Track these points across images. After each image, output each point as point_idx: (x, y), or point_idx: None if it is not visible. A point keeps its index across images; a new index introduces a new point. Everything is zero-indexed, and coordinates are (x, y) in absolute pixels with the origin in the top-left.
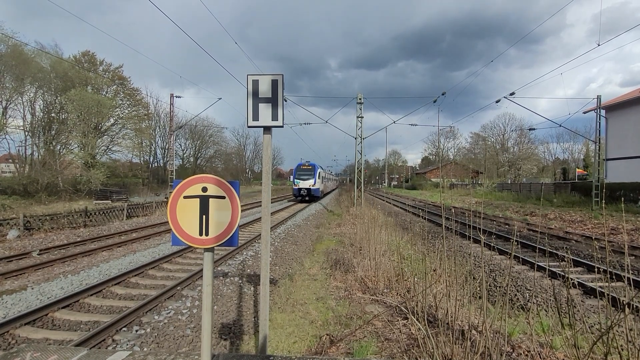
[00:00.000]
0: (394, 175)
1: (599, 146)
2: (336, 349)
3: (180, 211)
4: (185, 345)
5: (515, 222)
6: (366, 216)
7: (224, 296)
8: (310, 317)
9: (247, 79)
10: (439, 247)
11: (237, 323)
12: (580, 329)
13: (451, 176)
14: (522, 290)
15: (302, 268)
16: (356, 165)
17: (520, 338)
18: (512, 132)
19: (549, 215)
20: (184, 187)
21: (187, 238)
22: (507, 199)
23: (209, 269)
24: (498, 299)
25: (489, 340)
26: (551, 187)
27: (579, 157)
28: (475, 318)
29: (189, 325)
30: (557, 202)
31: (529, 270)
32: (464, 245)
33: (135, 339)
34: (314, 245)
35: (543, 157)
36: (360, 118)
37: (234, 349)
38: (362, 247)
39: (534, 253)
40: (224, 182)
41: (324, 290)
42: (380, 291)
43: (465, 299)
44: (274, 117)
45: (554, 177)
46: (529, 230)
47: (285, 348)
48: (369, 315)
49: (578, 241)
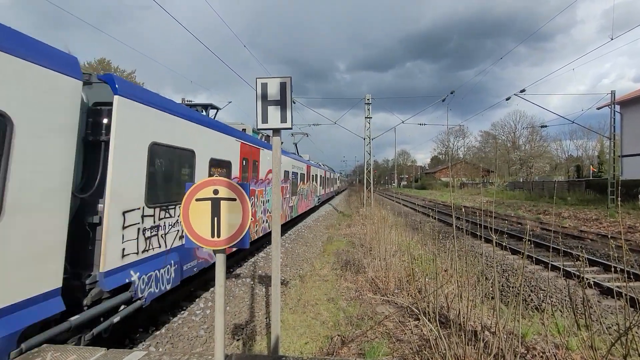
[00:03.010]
0: (403, 175)
1: (614, 142)
2: (348, 350)
3: (192, 213)
4: (199, 345)
5: (527, 221)
6: (376, 217)
7: (236, 297)
8: (321, 317)
9: (256, 82)
10: (450, 247)
11: (249, 324)
12: (597, 330)
13: (461, 175)
14: (535, 290)
15: (313, 269)
16: (365, 166)
17: (535, 339)
18: (524, 130)
19: (563, 214)
20: (196, 189)
21: (199, 240)
22: (519, 197)
23: (221, 270)
24: (511, 300)
25: (502, 342)
26: (565, 185)
27: (593, 154)
28: (488, 319)
29: (203, 326)
30: (571, 200)
31: (542, 270)
32: (476, 245)
33: (151, 339)
34: (324, 246)
35: (556, 155)
36: (369, 119)
37: (247, 349)
38: (372, 248)
39: (548, 253)
40: (234, 185)
41: (335, 291)
42: (391, 292)
43: (478, 299)
44: (282, 119)
45: (568, 175)
46: (542, 229)
47: (297, 349)
48: (380, 316)
49: (593, 240)
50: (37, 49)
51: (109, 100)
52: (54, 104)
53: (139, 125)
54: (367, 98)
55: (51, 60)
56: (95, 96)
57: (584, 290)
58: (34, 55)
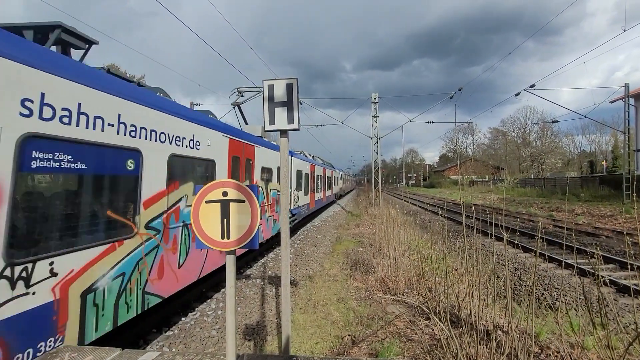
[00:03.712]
0: (411, 174)
1: (629, 136)
2: (358, 350)
3: (202, 215)
4: (211, 346)
5: (539, 218)
6: (385, 216)
7: (247, 298)
8: (331, 317)
9: (262, 84)
10: (460, 245)
11: (260, 324)
12: (614, 329)
13: (471, 173)
14: (549, 289)
15: (322, 269)
16: (373, 165)
17: (549, 338)
18: (534, 126)
19: (576, 211)
20: (206, 192)
21: (209, 241)
22: (531, 194)
23: (232, 271)
24: (524, 298)
25: (515, 341)
26: (578, 181)
27: (606, 149)
28: (500, 318)
29: (214, 326)
30: (585, 196)
31: (556, 268)
32: (486, 243)
33: (164, 340)
34: (333, 246)
35: (568, 150)
36: (376, 118)
37: (258, 349)
38: (382, 247)
39: (561, 250)
40: (243, 187)
41: (345, 291)
42: (401, 291)
43: (489, 298)
44: (289, 120)
45: (581, 171)
46: (555, 226)
47: (307, 349)
48: (391, 315)
49: (609, 237)
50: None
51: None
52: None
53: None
54: (374, 97)
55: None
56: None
57: (599, 288)
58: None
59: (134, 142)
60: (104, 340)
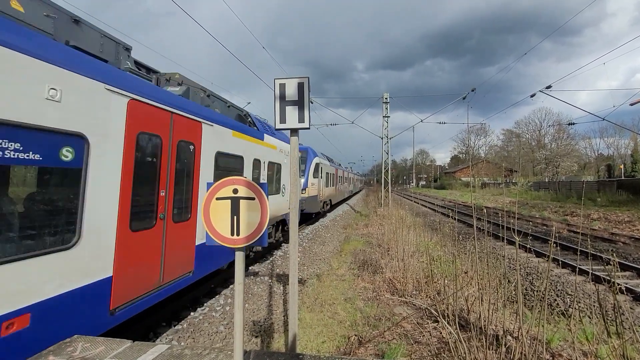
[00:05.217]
0: (422, 174)
1: None
2: (365, 350)
3: (213, 212)
4: (219, 341)
5: (553, 223)
6: (394, 217)
7: (255, 295)
8: (338, 317)
9: (274, 83)
10: (470, 248)
11: (267, 321)
12: (629, 338)
13: (482, 175)
14: (562, 295)
15: (330, 268)
16: (383, 165)
17: (561, 346)
18: (550, 128)
19: (592, 216)
20: (217, 189)
21: (220, 238)
22: (545, 198)
23: (240, 268)
24: (535, 304)
25: (526, 347)
26: (594, 186)
27: (625, 152)
28: (511, 323)
29: (222, 322)
30: (601, 201)
31: (569, 274)
32: (497, 247)
33: (173, 334)
34: (341, 246)
35: (584, 154)
36: (387, 117)
37: (265, 346)
38: (390, 248)
39: (575, 256)
40: (253, 184)
41: (352, 291)
42: (409, 293)
43: (499, 302)
44: (300, 119)
45: (598, 175)
46: (570, 231)
47: (314, 347)
48: (398, 317)
49: (626, 243)
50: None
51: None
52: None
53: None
54: (385, 97)
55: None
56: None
57: (615, 296)
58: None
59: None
60: (116, 333)
